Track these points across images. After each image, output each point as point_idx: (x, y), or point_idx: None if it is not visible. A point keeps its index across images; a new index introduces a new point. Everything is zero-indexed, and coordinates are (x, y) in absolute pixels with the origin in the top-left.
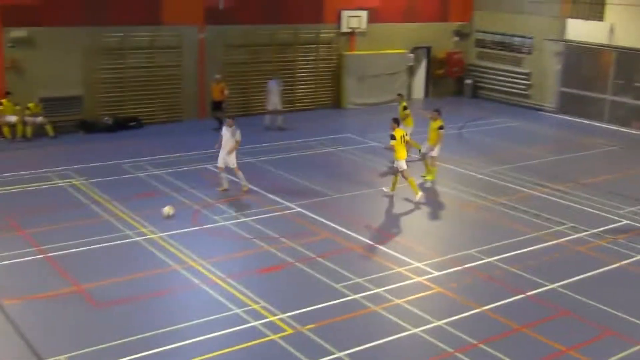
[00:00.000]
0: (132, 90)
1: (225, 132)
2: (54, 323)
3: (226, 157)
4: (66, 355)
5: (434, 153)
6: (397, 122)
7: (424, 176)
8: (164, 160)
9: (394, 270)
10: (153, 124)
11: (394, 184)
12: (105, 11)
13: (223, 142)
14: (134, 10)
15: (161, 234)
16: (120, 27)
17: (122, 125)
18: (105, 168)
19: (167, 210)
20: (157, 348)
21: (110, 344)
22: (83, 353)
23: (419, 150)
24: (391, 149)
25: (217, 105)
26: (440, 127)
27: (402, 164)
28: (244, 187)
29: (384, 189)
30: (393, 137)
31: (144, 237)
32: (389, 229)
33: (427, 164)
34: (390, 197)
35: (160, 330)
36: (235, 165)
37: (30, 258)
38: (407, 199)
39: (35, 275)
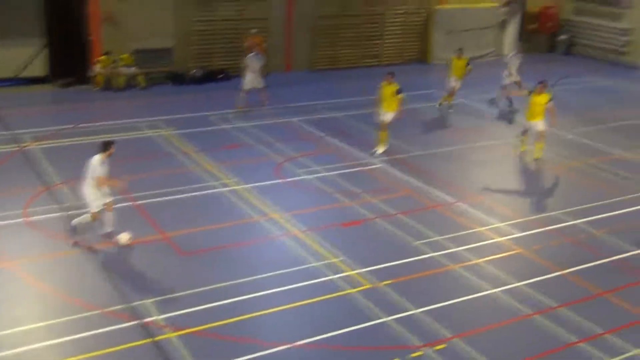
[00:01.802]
0: (221, 42)
1: (253, 58)
2: (141, 269)
3: (254, 79)
4: (151, 300)
5: (389, 118)
6: (392, 74)
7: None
8: (250, 114)
9: (475, 230)
10: (240, 76)
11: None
12: None
13: (251, 66)
14: None
15: (245, 186)
16: None
17: (210, 77)
18: (193, 119)
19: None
20: (237, 297)
21: (193, 290)
22: (168, 298)
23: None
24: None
25: None
26: (398, 92)
27: (388, 116)
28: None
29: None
30: (400, 91)
31: (228, 188)
32: (471, 187)
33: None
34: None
35: (241, 280)
36: (262, 85)
37: (119, 205)
38: (490, 158)
39: (124, 222)
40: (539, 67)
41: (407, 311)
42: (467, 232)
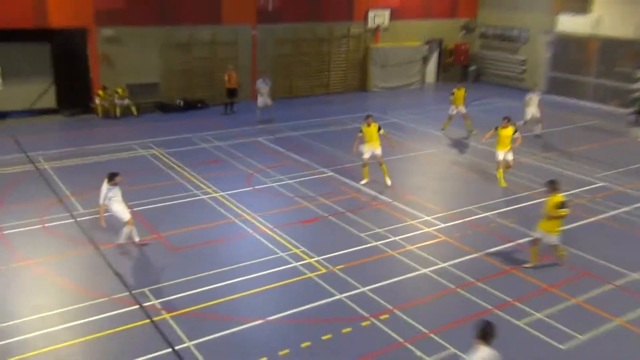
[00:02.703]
0: (198, 77)
1: (262, 84)
2: (140, 263)
3: (265, 99)
4: (149, 288)
5: (380, 152)
6: (371, 116)
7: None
8: (225, 134)
9: (408, 223)
10: (215, 105)
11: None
12: (177, 13)
13: (261, 90)
14: (199, 12)
15: (222, 193)
16: (188, 26)
17: (191, 106)
18: (178, 140)
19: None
20: (219, 283)
21: (183, 279)
22: (163, 286)
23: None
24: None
25: (233, 92)
26: (380, 129)
27: (380, 151)
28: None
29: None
30: (381, 128)
31: (208, 196)
32: (405, 189)
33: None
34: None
35: (222, 269)
36: (270, 104)
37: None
38: (419, 166)
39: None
40: None
41: (357, 289)
42: (402, 224)
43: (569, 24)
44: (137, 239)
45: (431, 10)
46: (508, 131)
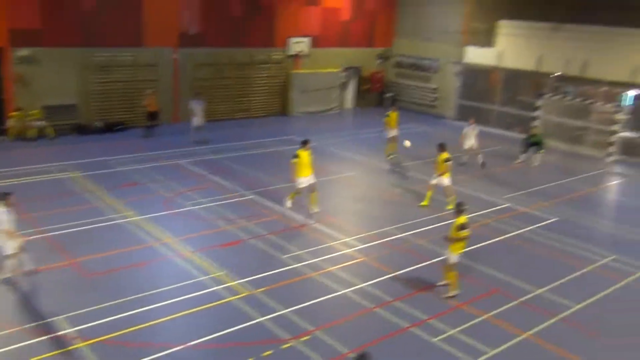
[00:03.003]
0: (118, 99)
1: (196, 103)
2: (52, 290)
3: (199, 119)
4: (64, 316)
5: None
6: (306, 142)
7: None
8: (145, 157)
9: (328, 244)
10: (135, 127)
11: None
12: (97, 34)
13: (195, 110)
14: (120, 34)
15: (140, 217)
16: (109, 48)
17: (110, 128)
18: (96, 163)
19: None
20: (138, 309)
21: (100, 306)
22: (78, 314)
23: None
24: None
25: (154, 115)
26: (295, 156)
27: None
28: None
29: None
30: (296, 156)
31: (126, 220)
32: (325, 211)
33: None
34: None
35: (141, 294)
36: (203, 124)
37: (31, 237)
38: (339, 188)
39: (36, 252)
40: (371, 117)
41: (278, 312)
42: (323, 246)
43: (476, 55)
44: (29, 267)
45: (350, 39)
46: (442, 157)
